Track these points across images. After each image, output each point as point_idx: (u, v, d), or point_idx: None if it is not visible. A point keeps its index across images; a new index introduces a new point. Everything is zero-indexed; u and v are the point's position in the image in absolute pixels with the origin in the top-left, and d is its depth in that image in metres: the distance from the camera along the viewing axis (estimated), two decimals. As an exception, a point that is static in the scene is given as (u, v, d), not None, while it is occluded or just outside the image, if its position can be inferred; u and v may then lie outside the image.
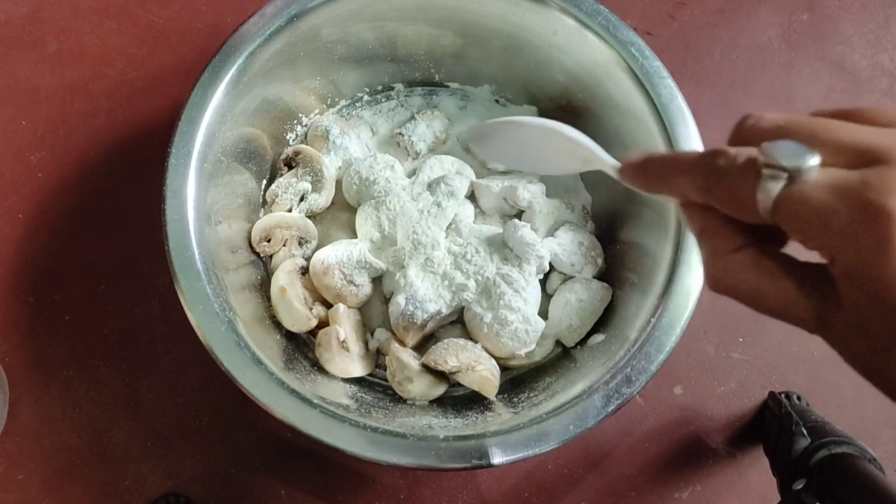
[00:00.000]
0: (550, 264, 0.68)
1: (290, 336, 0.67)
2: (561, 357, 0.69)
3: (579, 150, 0.37)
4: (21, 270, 0.78)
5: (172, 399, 0.75)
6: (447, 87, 0.80)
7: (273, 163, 0.74)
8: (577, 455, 0.77)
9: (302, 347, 0.67)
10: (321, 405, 0.55)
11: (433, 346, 0.65)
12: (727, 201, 0.25)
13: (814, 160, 0.22)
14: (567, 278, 0.70)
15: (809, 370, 0.80)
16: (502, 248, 0.68)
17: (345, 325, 0.65)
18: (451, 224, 0.70)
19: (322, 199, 0.71)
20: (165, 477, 0.74)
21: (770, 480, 0.72)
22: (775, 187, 0.23)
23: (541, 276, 0.68)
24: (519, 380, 0.68)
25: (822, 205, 0.22)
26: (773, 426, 0.74)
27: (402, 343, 0.66)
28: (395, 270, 0.68)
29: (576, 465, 0.77)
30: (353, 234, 0.71)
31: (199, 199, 0.60)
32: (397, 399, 0.65)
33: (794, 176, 0.23)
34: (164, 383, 0.76)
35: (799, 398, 0.78)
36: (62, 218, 0.80)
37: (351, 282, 0.66)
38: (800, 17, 0.92)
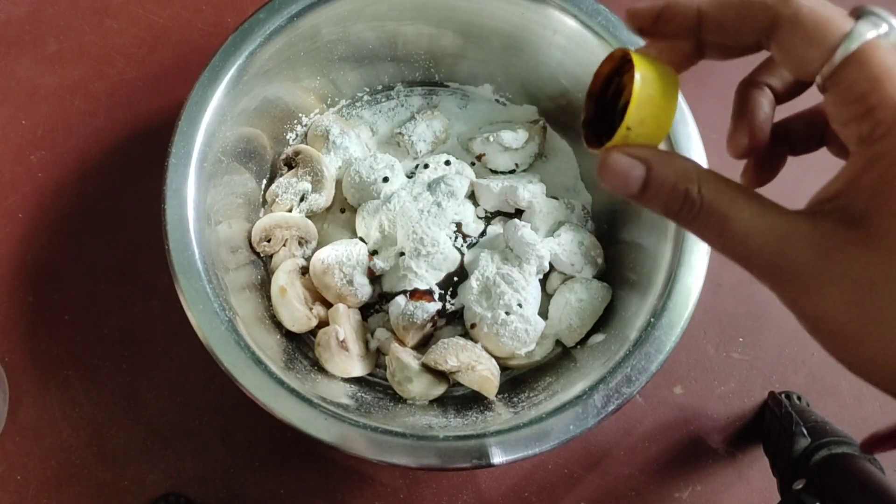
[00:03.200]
0: (550, 264, 0.68)
1: (290, 336, 0.67)
2: (561, 357, 0.69)
3: None
4: (21, 270, 0.78)
5: (172, 399, 0.75)
6: (447, 86, 0.80)
7: (273, 163, 0.74)
8: (577, 455, 0.77)
9: (302, 347, 0.67)
10: (321, 405, 0.55)
11: (433, 346, 0.65)
12: (793, 48, 0.23)
13: None
14: (567, 278, 0.70)
15: (809, 370, 0.80)
16: (502, 247, 0.68)
17: (344, 324, 0.65)
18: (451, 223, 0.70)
19: (322, 199, 0.71)
20: (165, 477, 0.74)
21: (770, 480, 0.73)
22: (864, 35, 0.21)
23: (541, 276, 0.68)
24: (519, 380, 0.68)
25: None
26: (773, 426, 0.74)
27: (402, 343, 0.66)
28: (395, 270, 0.68)
29: (576, 464, 0.77)
30: (353, 234, 0.71)
31: (199, 199, 0.60)
32: (397, 399, 0.65)
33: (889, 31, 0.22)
34: (164, 383, 0.76)
35: (799, 398, 0.78)
36: (62, 218, 0.80)
37: (351, 282, 0.66)
38: (800, 17, 0.92)
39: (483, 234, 0.71)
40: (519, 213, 0.73)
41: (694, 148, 0.62)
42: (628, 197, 0.26)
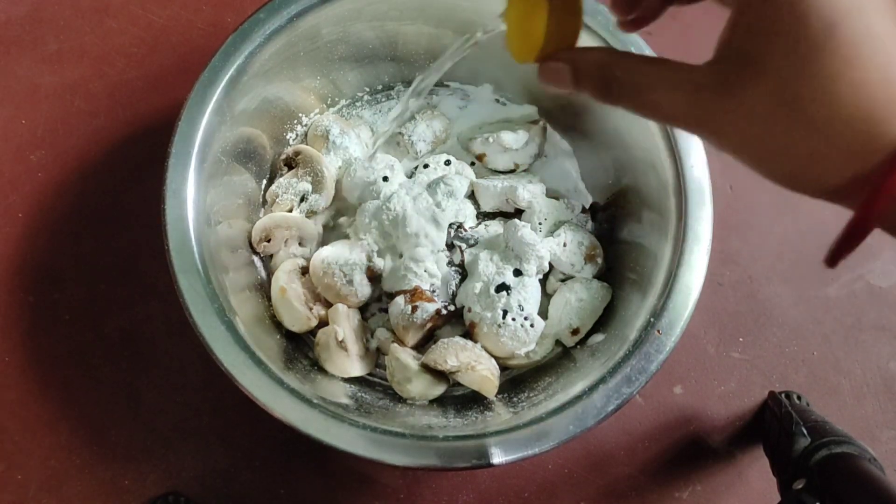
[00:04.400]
0: (550, 264, 0.68)
1: (290, 336, 0.67)
2: (561, 357, 0.69)
3: None
4: (21, 270, 0.78)
5: (172, 399, 0.75)
6: (447, 86, 0.80)
7: (273, 163, 0.74)
8: (577, 455, 0.77)
9: (302, 347, 0.67)
10: (321, 405, 0.55)
11: (433, 346, 0.65)
12: None
13: None
14: (567, 278, 0.70)
15: (810, 370, 0.80)
16: (502, 248, 0.68)
17: (344, 324, 0.65)
18: (451, 224, 0.70)
19: (322, 200, 0.71)
20: (165, 476, 0.74)
21: (770, 480, 0.73)
22: None
23: (541, 276, 0.68)
24: (519, 380, 0.68)
25: None
26: (773, 426, 0.74)
27: (402, 343, 0.66)
28: (395, 270, 0.68)
29: (576, 465, 0.77)
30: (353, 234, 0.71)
31: (199, 199, 0.60)
32: (397, 399, 0.65)
33: None
34: (164, 383, 0.76)
35: (799, 398, 0.78)
36: (62, 217, 0.80)
37: (351, 282, 0.66)
38: (800, 17, 0.92)
39: (476, 242, 0.71)
40: (519, 213, 0.73)
41: (693, 148, 0.62)
42: (569, 89, 0.31)
